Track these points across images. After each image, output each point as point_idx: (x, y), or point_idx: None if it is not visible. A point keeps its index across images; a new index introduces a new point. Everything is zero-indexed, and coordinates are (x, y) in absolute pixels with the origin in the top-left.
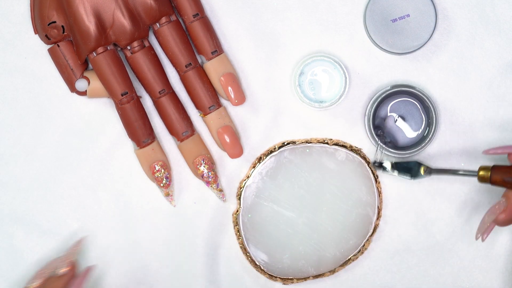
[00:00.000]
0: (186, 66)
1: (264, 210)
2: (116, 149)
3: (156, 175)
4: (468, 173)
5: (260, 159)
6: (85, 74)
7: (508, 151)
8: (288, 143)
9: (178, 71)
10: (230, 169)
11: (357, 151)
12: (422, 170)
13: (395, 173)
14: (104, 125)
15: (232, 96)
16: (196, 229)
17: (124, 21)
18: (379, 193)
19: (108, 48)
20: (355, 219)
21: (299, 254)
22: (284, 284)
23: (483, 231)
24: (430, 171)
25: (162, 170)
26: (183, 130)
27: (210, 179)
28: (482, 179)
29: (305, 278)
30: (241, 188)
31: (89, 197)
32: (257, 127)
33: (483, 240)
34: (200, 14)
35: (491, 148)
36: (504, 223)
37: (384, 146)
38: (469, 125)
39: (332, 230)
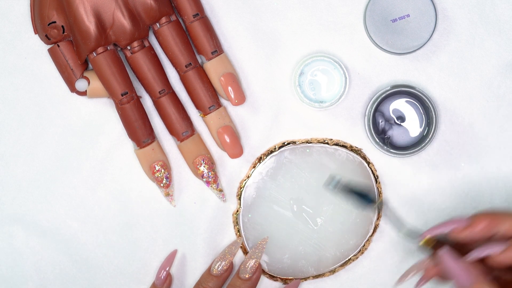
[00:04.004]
0: (186, 66)
1: (264, 210)
2: (116, 149)
3: (156, 175)
4: (410, 235)
5: (260, 159)
6: (85, 74)
7: (444, 229)
8: (288, 143)
9: (178, 71)
10: (230, 169)
11: (357, 151)
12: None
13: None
14: (104, 125)
15: (232, 96)
16: (196, 229)
17: (124, 21)
18: (379, 193)
19: (108, 48)
20: (355, 219)
21: (299, 254)
22: (284, 284)
23: (419, 281)
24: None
25: (162, 170)
26: (183, 130)
27: (210, 179)
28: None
29: (305, 278)
30: (241, 188)
31: (89, 197)
32: (257, 127)
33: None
34: (200, 14)
35: (426, 231)
36: (432, 276)
37: (385, 146)
38: (469, 125)
39: (332, 230)
